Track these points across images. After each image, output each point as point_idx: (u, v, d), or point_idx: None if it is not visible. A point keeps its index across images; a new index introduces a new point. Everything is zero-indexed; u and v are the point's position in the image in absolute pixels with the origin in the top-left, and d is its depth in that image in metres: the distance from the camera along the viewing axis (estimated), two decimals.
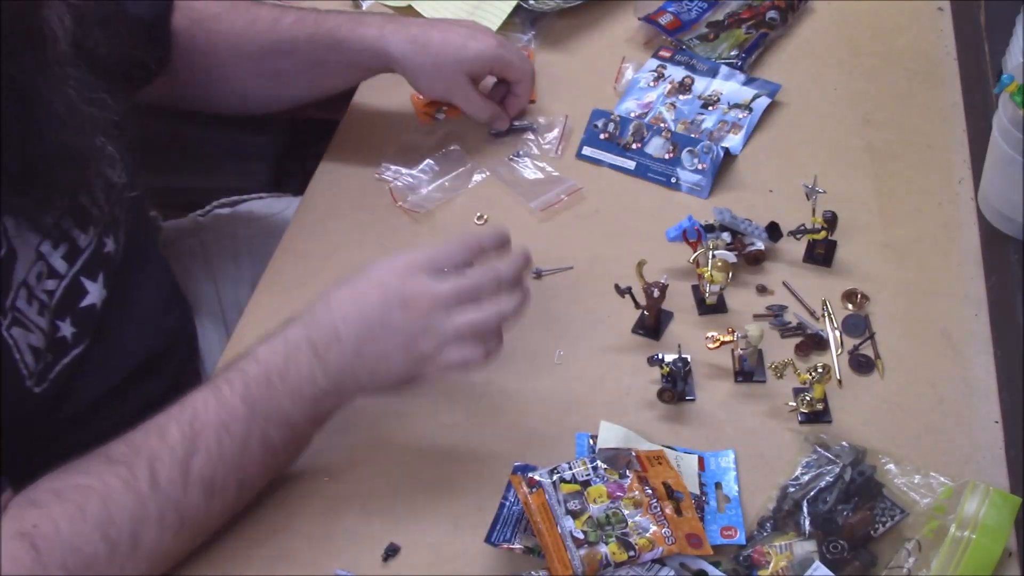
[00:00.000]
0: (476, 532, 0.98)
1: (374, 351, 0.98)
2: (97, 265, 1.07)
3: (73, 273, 1.05)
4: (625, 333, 1.17)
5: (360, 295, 0.99)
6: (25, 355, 0.99)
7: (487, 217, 1.29)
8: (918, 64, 1.44)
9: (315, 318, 0.99)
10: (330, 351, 0.98)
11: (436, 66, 1.28)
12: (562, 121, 1.38)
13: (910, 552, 0.96)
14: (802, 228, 1.21)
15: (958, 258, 1.21)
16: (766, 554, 0.97)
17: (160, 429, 0.94)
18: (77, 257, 1.05)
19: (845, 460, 1.02)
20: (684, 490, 0.99)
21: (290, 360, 0.97)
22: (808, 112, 1.39)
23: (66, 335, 1.04)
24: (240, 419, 0.95)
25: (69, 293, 1.04)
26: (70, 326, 1.04)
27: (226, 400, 0.95)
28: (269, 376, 0.97)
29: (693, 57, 1.45)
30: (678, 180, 1.32)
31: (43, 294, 1.01)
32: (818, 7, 1.53)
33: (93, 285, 1.07)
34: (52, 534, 0.87)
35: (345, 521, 1.03)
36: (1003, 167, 1.13)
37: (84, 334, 1.06)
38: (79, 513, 0.88)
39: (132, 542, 0.90)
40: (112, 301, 1.09)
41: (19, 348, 0.98)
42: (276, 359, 0.97)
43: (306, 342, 0.98)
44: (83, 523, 0.88)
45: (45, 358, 1.01)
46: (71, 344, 1.05)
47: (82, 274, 1.06)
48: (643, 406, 1.10)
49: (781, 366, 1.13)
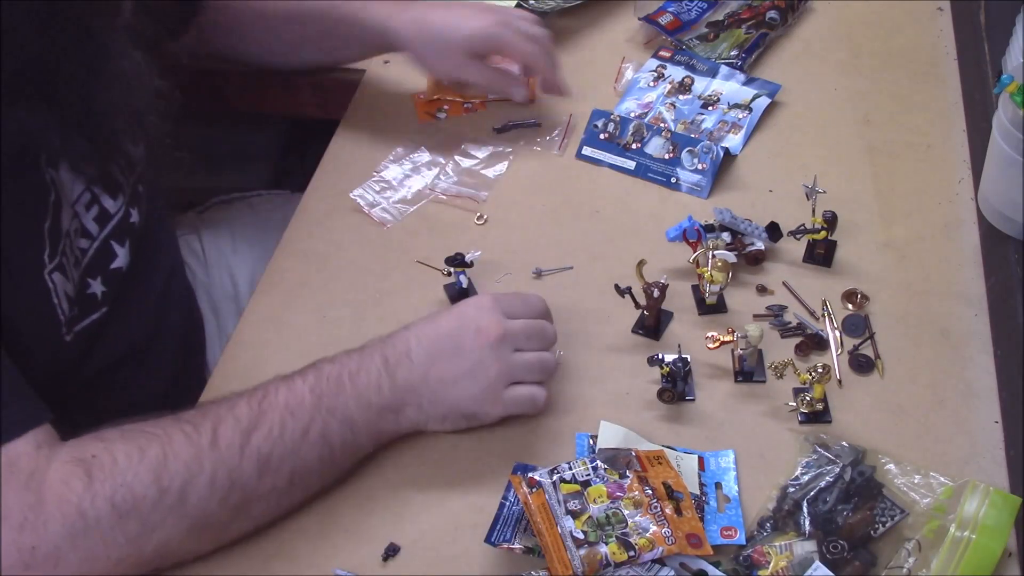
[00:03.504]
0: (476, 532, 0.98)
1: (441, 372, 1.02)
2: (124, 232, 1.12)
3: (104, 236, 1.09)
4: (625, 333, 1.17)
5: (438, 322, 1.05)
6: (63, 301, 1.03)
7: (487, 217, 1.29)
8: (918, 64, 1.44)
9: (393, 338, 1.05)
10: (400, 366, 1.02)
11: (437, 46, 1.31)
12: (565, 120, 1.38)
13: (910, 552, 0.96)
14: (802, 228, 1.21)
15: (958, 258, 1.21)
16: (766, 554, 0.97)
17: (230, 402, 0.98)
18: (107, 221, 1.10)
19: (845, 460, 1.02)
20: (684, 490, 0.99)
21: (362, 367, 1.02)
22: (808, 112, 1.39)
23: (96, 293, 1.09)
24: (306, 407, 0.98)
25: (99, 254, 1.09)
26: (100, 285, 1.09)
27: (296, 388, 0.99)
28: (340, 376, 1.01)
29: (693, 57, 1.45)
30: (678, 180, 1.32)
31: (77, 250, 1.06)
32: (818, 7, 1.53)
33: (121, 250, 1.12)
34: (108, 466, 0.89)
35: (345, 521, 1.03)
36: (1003, 167, 1.13)
37: (110, 295, 1.10)
38: (138, 453, 0.91)
39: (180, 494, 0.91)
40: (135, 269, 1.14)
41: (57, 294, 1.02)
42: (351, 363, 1.02)
43: (379, 355, 1.03)
44: (140, 463, 0.90)
45: (73, 311, 1.05)
46: (100, 303, 1.09)
47: (112, 238, 1.10)
48: (643, 406, 1.10)
49: (781, 366, 1.13)
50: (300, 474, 0.99)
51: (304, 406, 0.98)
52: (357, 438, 1.01)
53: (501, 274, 1.23)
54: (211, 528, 0.96)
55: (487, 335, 1.03)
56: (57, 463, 0.89)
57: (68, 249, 1.04)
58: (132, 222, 1.14)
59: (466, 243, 1.23)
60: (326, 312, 1.20)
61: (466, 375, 1.03)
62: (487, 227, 1.29)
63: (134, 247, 1.14)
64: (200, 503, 0.93)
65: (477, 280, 1.21)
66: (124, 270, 1.12)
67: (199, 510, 0.93)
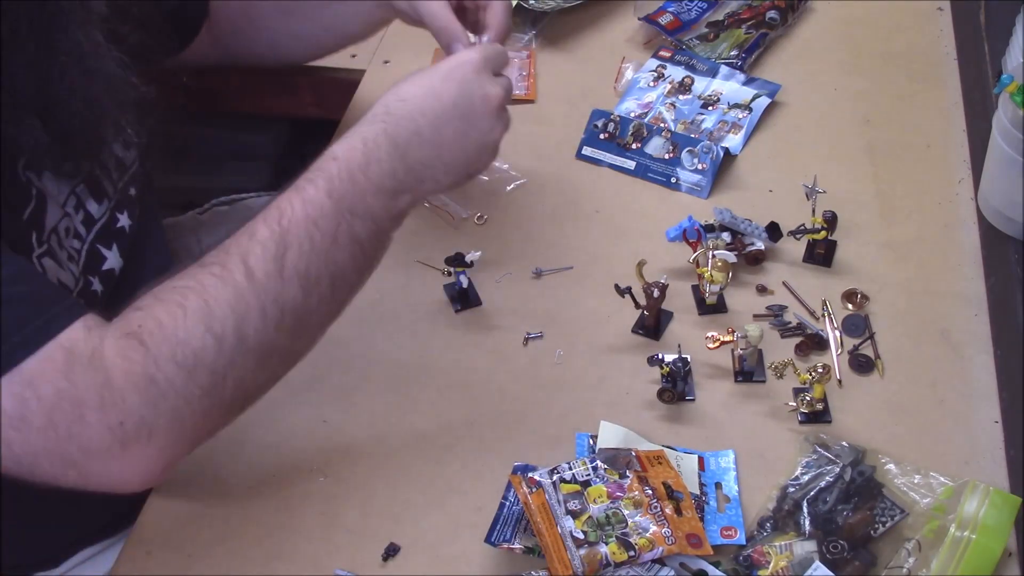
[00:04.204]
0: (476, 532, 0.98)
1: (454, 143, 1.01)
2: (110, 236, 1.11)
3: (90, 240, 1.09)
4: (625, 333, 1.17)
5: (436, 89, 1.01)
6: None
7: (487, 217, 1.29)
8: (918, 64, 1.44)
9: (391, 114, 1.01)
10: (410, 146, 1.00)
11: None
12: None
13: (910, 552, 0.96)
14: (802, 228, 1.21)
15: (958, 258, 1.21)
16: (766, 554, 0.97)
17: (248, 231, 0.95)
18: (92, 225, 1.09)
19: (845, 460, 1.02)
20: (684, 490, 0.99)
21: (370, 156, 0.99)
22: (808, 112, 1.39)
23: (97, 291, 1.08)
24: (328, 215, 0.96)
25: (90, 256, 1.08)
26: (99, 283, 1.09)
27: (311, 197, 0.96)
28: (352, 172, 0.98)
29: (693, 57, 1.45)
30: (678, 180, 1.32)
31: (71, 249, 1.05)
32: (818, 7, 1.53)
33: (109, 253, 1.11)
34: (156, 329, 0.89)
35: (345, 521, 1.03)
36: (1003, 167, 1.13)
37: (107, 294, 1.10)
38: (180, 310, 0.90)
39: (237, 334, 0.91)
40: (127, 271, 1.13)
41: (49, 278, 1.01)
42: (356, 155, 0.98)
43: (385, 137, 0.99)
44: (185, 319, 0.90)
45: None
46: (100, 300, 1.08)
47: (97, 242, 1.10)
48: (643, 406, 1.10)
49: (781, 366, 1.13)
50: (339, 278, 0.98)
51: (325, 213, 0.96)
52: (380, 225, 1.00)
53: (501, 274, 1.23)
54: (278, 354, 0.96)
55: (492, 103, 1.03)
56: (109, 340, 0.88)
57: (57, 243, 1.03)
58: (120, 226, 1.13)
59: (466, 243, 1.23)
60: None
61: (478, 141, 1.03)
62: (487, 227, 1.29)
63: (126, 250, 1.13)
64: (258, 336, 0.92)
65: (477, 280, 1.21)
66: (117, 272, 1.12)
67: (260, 343, 0.92)
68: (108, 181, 1.11)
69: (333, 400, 1.12)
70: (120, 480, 0.89)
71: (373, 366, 1.15)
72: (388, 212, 1.00)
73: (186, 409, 0.89)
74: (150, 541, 1.02)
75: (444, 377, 1.14)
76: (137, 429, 0.87)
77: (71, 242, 1.06)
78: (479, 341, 1.17)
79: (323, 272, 0.95)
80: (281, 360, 0.97)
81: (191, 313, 0.90)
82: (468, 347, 1.17)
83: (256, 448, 1.09)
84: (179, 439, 0.90)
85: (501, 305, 1.20)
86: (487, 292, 1.21)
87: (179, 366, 0.88)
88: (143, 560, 1.01)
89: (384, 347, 1.17)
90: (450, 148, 1.01)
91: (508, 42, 1.19)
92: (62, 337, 0.87)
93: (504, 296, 1.21)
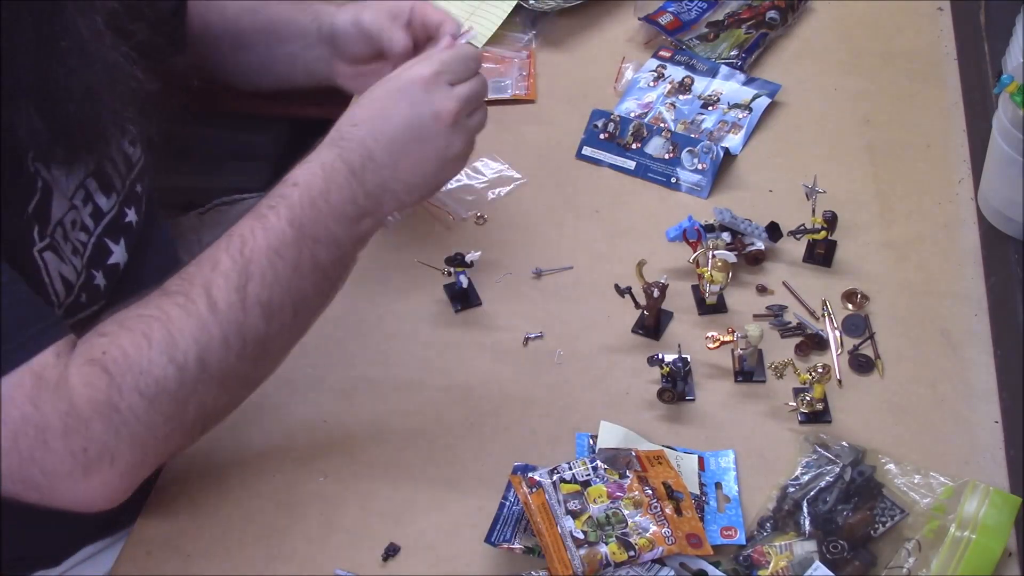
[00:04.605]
0: (476, 532, 0.98)
1: (410, 164, 1.01)
2: (118, 231, 1.12)
3: (97, 233, 1.09)
4: (625, 333, 1.17)
5: (386, 111, 1.01)
6: (55, 282, 1.02)
7: (487, 217, 1.29)
8: (918, 64, 1.44)
9: (344, 138, 1.01)
10: (366, 171, 1.00)
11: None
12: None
13: (910, 552, 0.96)
14: (802, 228, 1.21)
15: (958, 258, 1.21)
16: (766, 554, 0.97)
17: (211, 260, 0.96)
18: (100, 219, 1.09)
19: (845, 460, 1.02)
20: (684, 490, 0.99)
21: (330, 182, 0.99)
22: (808, 112, 1.39)
23: (100, 285, 1.08)
24: (289, 243, 0.96)
25: (96, 250, 1.09)
26: (102, 278, 1.09)
27: (273, 225, 0.96)
28: (313, 199, 0.98)
29: (693, 57, 1.45)
30: (678, 180, 1.32)
31: (77, 242, 1.05)
32: (818, 7, 1.53)
33: (116, 247, 1.11)
34: (121, 358, 0.90)
35: (345, 521, 1.03)
36: (1003, 167, 1.13)
37: (110, 289, 1.10)
38: (144, 340, 0.91)
39: (200, 364, 0.92)
40: (132, 266, 1.13)
41: (49, 272, 1.01)
42: (316, 181, 0.98)
43: (341, 163, 0.99)
44: (149, 349, 0.91)
45: (79, 297, 1.05)
46: (102, 294, 1.09)
47: (105, 236, 1.10)
48: (643, 406, 1.10)
49: (781, 366, 1.13)
50: (302, 304, 0.98)
51: (287, 242, 0.96)
52: (343, 251, 1.00)
53: (501, 274, 1.23)
54: (239, 381, 0.97)
55: (445, 118, 1.00)
56: (74, 368, 0.89)
57: (62, 235, 1.03)
58: (128, 221, 1.13)
59: (466, 243, 1.23)
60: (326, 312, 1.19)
61: (436, 158, 1.02)
62: (487, 227, 1.29)
63: (132, 246, 1.14)
64: (220, 365, 0.93)
65: (477, 280, 1.21)
66: (121, 267, 1.12)
67: (222, 372, 0.93)
68: (117, 176, 1.12)
69: (333, 400, 1.13)
70: (83, 502, 0.90)
71: (373, 366, 1.15)
72: (350, 237, 1.00)
73: (148, 435, 0.91)
74: (150, 541, 1.02)
75: (444, 377, 1.14)
76: (100, 455, 0.89)
77: (77, 235, 1.06)
78: (479, 341, 1.17)
79: (286, 300, 0.96)
80: (243, 385, 0.98)
81: (155, 343, 0.91)
82: (468, 347, 1.17)
83: (256, 448, 1.09)
84: (141, 463, 0.92)
85: (501, 305, 1.20)
86: (487, 292, 1.21)
87: (142, 395, 0.90)
88: (143, 560, 1.01)
89: (384, 347, 1.17)
90: (407, 169, 1.01)
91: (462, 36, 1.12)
92: (34, 362, 0.88)
93: (504, 296, 1.21)
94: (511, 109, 1.42)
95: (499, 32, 1.48)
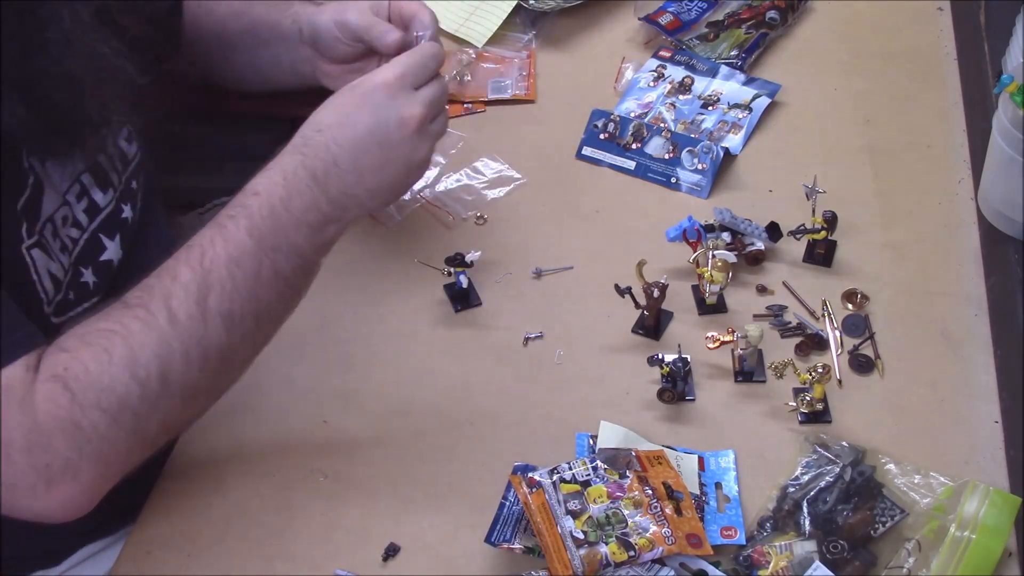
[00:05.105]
0: (476, 532, 0.98)
1: (374, 171, 1.00)
2: (114, 226, 1.11)
3: (92, 228, 1.09)
4: (625, 333, 1.17)
5: (350, 118, 1.00)
6: (44, 279, 1.02)
7: (487, 217, 1.29)
8: (918, 64, 1.44)
9: (308, 145, 1.00)
10: (329, 177, 0.98)
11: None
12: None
13: (910, 552, 0.96)
14: (802, 228, 1.21)
15: (958, 258, 1.21)
16: (766, 554, 0.97)
17: (170, 271, 0.96)
18: (96, 214, 1.09)
19: (845, 460, 1.02)
20: (684, 490, 0.99)
21: (291, 189, 0.98)
22: (808, 112, 1.39)
23: (88, 282, 1.08)
24: (249, 253, 0.96)
25: (89, 245, 1.08)
26: (92, 275, 1.08)
27: (232, 236, 0.96)
28: (273, 207, 0.97)
29: (693, 57, 1.45)
30: (678, 180, 1.32)
31: (67, 238, 1.05)
32: (818, 7, 1.53)
33: (111, 243, 1.11)
34: (83, 375, 0.90)
35: (345, 521, 1.03)
36: (1003, 167, 1.13)
37: (102, 286, 1.09)
38: (105, 355, 0.91)
39: (161, 379, 0.92)
40: (126, 262, 1.13)
41: (37, 270, 1.01)
42: (277, 190, 0.98)
43: (304, 170, 0.98)
44: (110, 364, 0.90)
45: (67, 295, 1.05)
46: (92, 292, 1.08)
47: (100, 231, 1.10)
48: (643, 406, 1.10)
49: (781, 366, 1.13)
50: (264, 315, 0.98)
51: (247, 252, 0.95)
52: (305, 259, 0.99)
53: (501, 274, 1.23)
54: (202, 393, 0.97)
55: (410, 124, 1.00)
56: (38, 383, 0.89)
57: (51, 232, 1.03)
58: (124, 217, 1.13)
59: (466, 243, 1.23)
60: (326, 312, 1.20)
61: (401, 164, 1.01)
62: (487, 227, 1.29)
63: (127, 242, 1.13)
64: (182, 378, 0.93)
65: (477, 280, 1.21)
66: (115, 263, 1.12)
67: (183, 385, 0.93)
68: (113, 171, 1.12)
69: (333, 400, 1.13)
70: (45, 515, 0.91)
71: (373, 366, 1.15)
72: (313, 245, 0.99)
73: (110, 450, 0.91)
74: (150, 541, 1.03)
75: (444, 377, 1.14)
76: (63, 471, 0.89)
77: (68, 231, 1.05)
78: (479, 341, 1.17)
79: (247, 311, 0.96)
80: (207, 397, 0.98)
81: (116, 360, 0.91)
82: (468, 347, 1.17)
83: (256, 448, 1.09)
84: (104, 476, 0.92)
85: (501, 305, 1.20)
86: (487, 292, 1.21)
87: (104, 412, 0.90)
88: (143, 560, 1.01)
89: (384, 347, 1.17)
90: (372, 175, 1.00)
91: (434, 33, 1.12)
92: (3, 375, 0.88)
93: (504, 296, 1.21)
94: (511, 109, 1.42)
95: (499, 32, 1.48)
